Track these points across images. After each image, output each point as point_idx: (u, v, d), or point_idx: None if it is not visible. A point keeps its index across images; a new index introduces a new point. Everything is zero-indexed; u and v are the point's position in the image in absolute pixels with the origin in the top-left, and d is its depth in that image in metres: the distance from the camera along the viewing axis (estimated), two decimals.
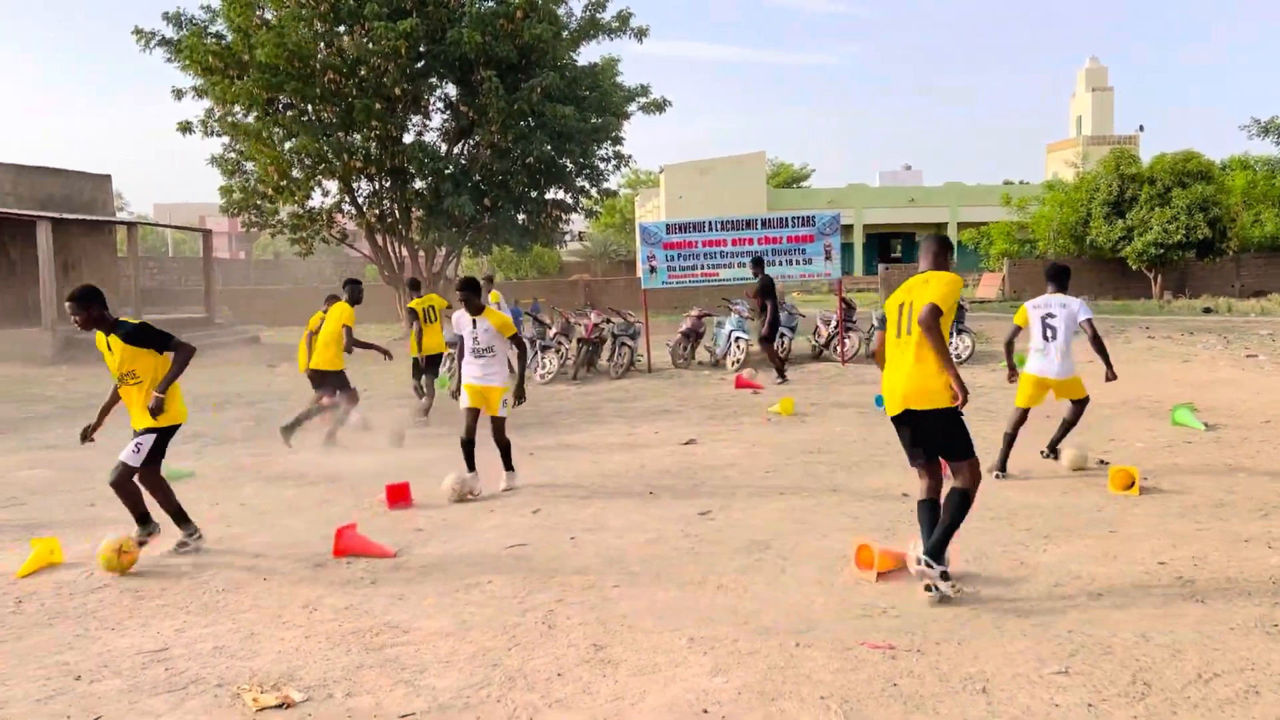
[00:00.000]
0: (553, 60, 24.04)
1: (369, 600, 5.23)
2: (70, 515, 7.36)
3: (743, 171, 49.11)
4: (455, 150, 25.50)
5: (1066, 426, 8.01)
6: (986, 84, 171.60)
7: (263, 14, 22.93)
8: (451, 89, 25.21)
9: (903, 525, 6.39)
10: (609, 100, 25.27)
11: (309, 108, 23.39)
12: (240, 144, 24.29)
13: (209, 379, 16.94)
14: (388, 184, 24.72)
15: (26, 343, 20.29)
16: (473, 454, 7.79)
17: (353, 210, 25.58)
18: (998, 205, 40.18)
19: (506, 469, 7.88)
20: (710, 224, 16.39)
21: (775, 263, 15.90)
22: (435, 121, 26.07)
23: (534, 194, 25.93)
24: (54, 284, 20.59)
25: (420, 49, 23.24)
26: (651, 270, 16.39)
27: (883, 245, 55.13)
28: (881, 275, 34.61)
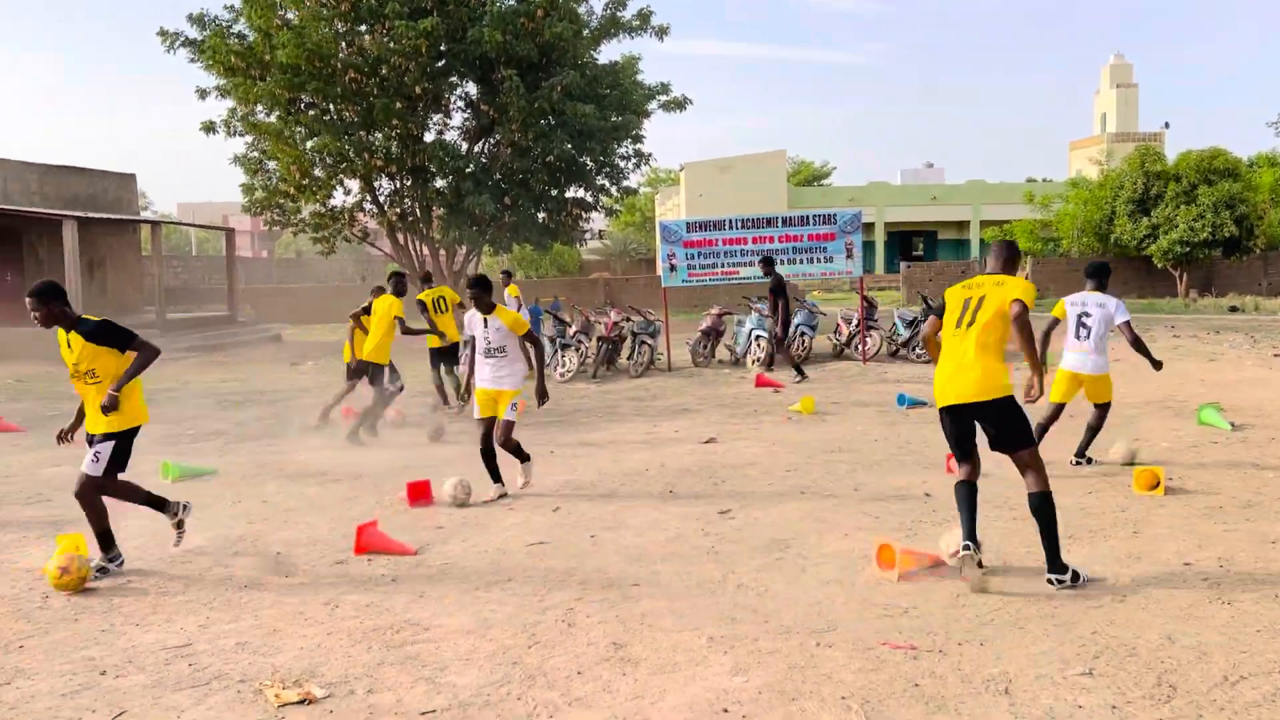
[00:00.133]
0: (573, 59, 24.07)
1: (390, 598, 5.26)
2: None
3: (763, 170, 48.93)
4: (476, 149, 25.58)
5: (1092, 431, 7.92)
6: (1009, 81, 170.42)
7: (284, 14, 23.06)
8: (472, 88, 25.30)
9: (924, 525, 6.36)
10: (629, 98, 25.28)
11: (330, 107, 23.52)
12: (262, 143, 24.45)
13: (232, 377, 17.08)
14: (409, 183, 24.82)
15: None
16: (494, 463, 7.57)
17: (374, 209, 25.71)
18: (1020, 203, 39.84)
19: (521, 461, 7.70)
20: (730, 222, 16.35)
21: (796, 261, 15.86)
22: (456, 120, 26.21)
23: (554, 192, 25.98)
24: (80, 282, 20.80)
25: (441, 48, 23.33)
26: (671, 268, 16.38)
27: (904, 243, 54.82)
28: (903, 273, 34.41)
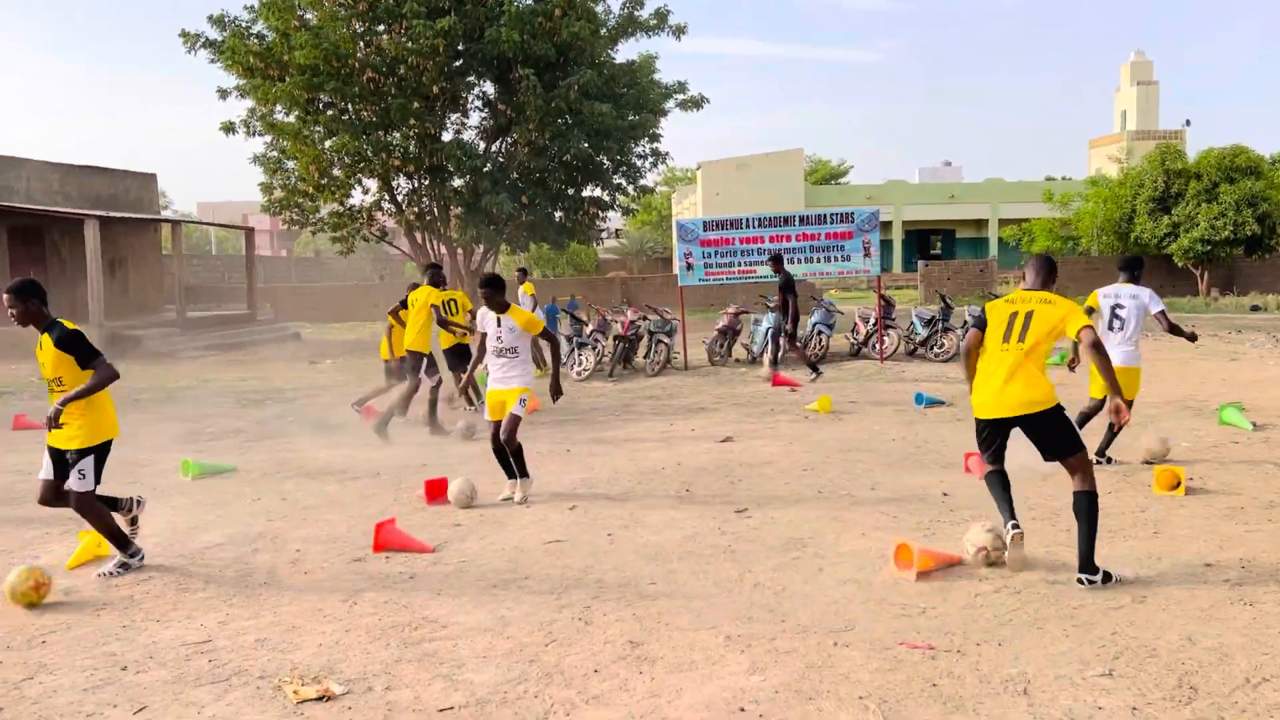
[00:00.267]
0: (590, 58, 24.07)
1: (408, 595, 5.28)
2: None
3: (780, 168, 48.83)
4: (493, 148, 25.63)
5: (1113, 430, 7.86)
6: (1028, 79, 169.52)
7: (303, 15, 23.17)
8: (489, 87, 25.34)
9: (942, 525, 6.33)
10: (646, 97, 25.26)
11: (348, 107, 23.61)
12: (281, 143, 24.58)
13: (252, 375, 17.19)
14: (426, 182, 24.89)
15: None
16: (508, 460, 7.47)
17: (392, 208, 25.79)
18: (1039, 201, 39.62)
19: (520, 475, 7.41)
20: (748, 221, 16.31)
21: (814, 259, 15.81)
22: (473, 119, 26.25)
23: (571, 191, 26.00)
24: (101, 281, 20.98)
25: (458, 47, 23.38)
26: (688, 267, 16.36)
27: (922, 242, 54.60)
28: (921, 272, 34.26)
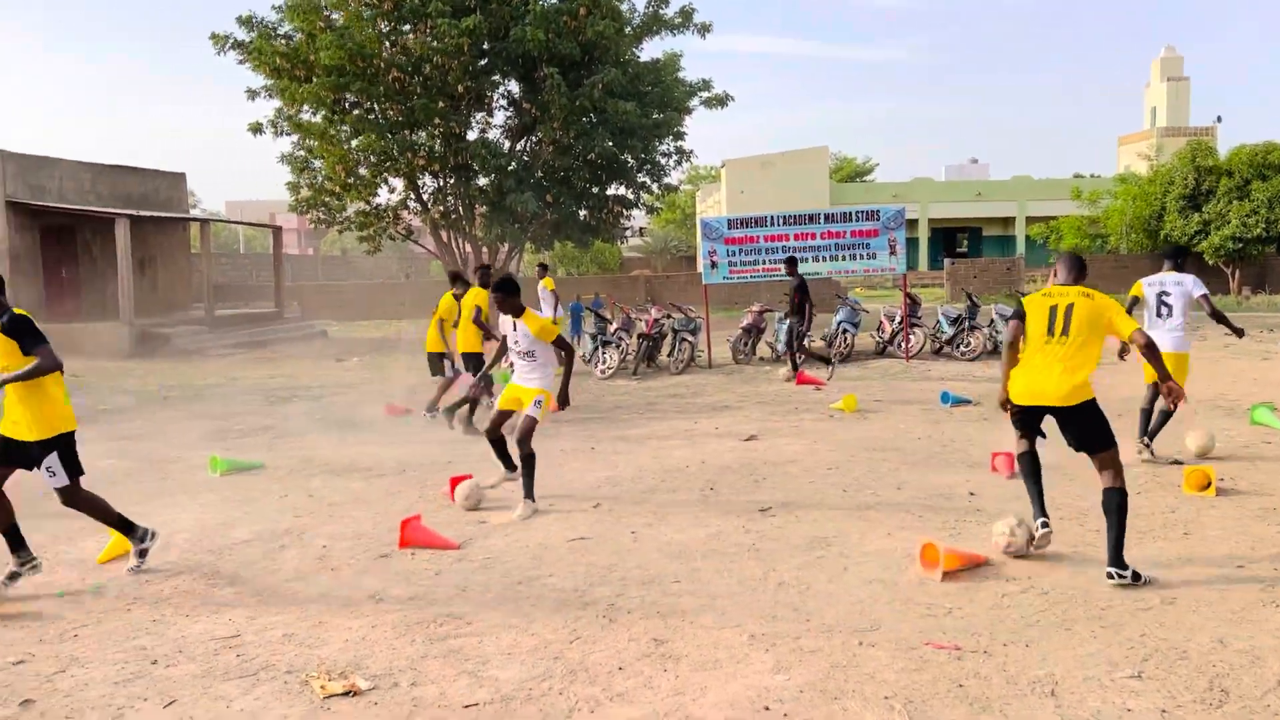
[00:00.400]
0: (615, 56, 24.09)
1: (433, 591, 5.31)
2: (147, 504, 7.56)
3: (805, 166, 48.60)
4: (518, 147, 25.71)
5: (1165, 416, 7.96)
6: (1056, 76, 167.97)
7: (328, 16, 23.32)
8: (514, 86, 25.43)
9: (968, 525, 6.29)
10: (671, 96, 25.27)
11: (374, 106, 23.75)
12: (308, 142, 24.76)
13: (279, 372, 17.33)
14: (452, 181, 25.01)
15: (105, 336, 20.95)
16: (505, 450, 7.42)
17: (418, 207, 25.93)
18: (1067, 199, 39.24)
19: (526, 496, 6.98)
20: (772, 219, 16.28)
21: (839, 257, 15.75)
22: (498, 118, 26.37)
23: (595, 190, 26.05)
24: (131, 279, 21.21)
25: (483, 46, 23.46)
26: (713, 265, 16.35)
27: (948, 240, 54.25)
28: (947, 270, 34.02)
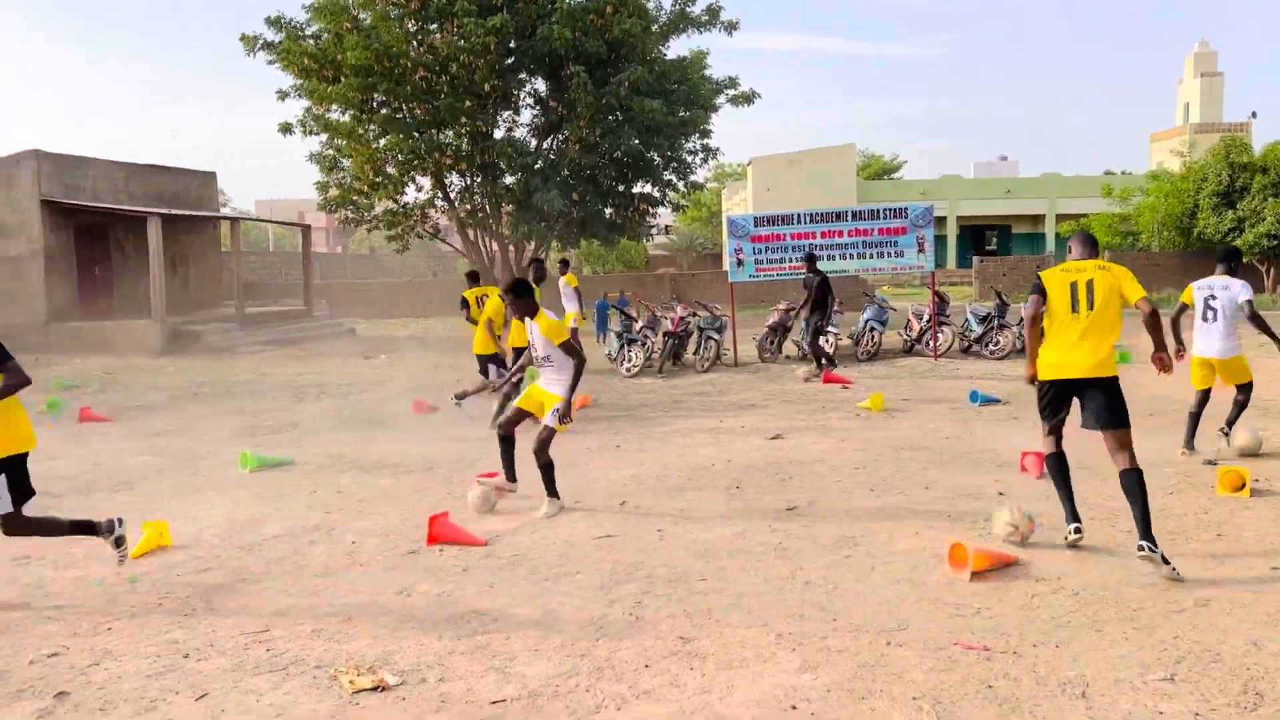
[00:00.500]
0: (642, 54, 24.05)
1: (461, 588, 5.33)
2: (179, 500, 7.66)
3: (832, 164, 48.33)
4: (544, 145, 25.73)
5: (1240, 406, 8.14)
6: (1087, 72, 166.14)
7: (355, 16, 23.45)
8: (541, 84, 25.45)
9: None
10: (697, 93, 25.19)
11: (401, 106, 23.87)
12: (336, 142, 24.93)
13: (308, 370, 17.47)
14: (478, 179, 25.07)
15: (138, 334, 21.21)
16: (512, 456, 7.18)
17: (445, 205, 26.03)
18: (1098, 196, 38.77)
19: (549, 494, 6.91)
20: (799, 216, 16.21)
21: (867, 255, 15.67)
22: (525, 117, 26.37)
23: (621, 188, 26.02)
24: (163, 278, 21.46)
25: (510, 45, 23.49)
26: (739, 263, 16.30)
27: (977, 237, 53.79)
28: (976, 268, 33.74)
